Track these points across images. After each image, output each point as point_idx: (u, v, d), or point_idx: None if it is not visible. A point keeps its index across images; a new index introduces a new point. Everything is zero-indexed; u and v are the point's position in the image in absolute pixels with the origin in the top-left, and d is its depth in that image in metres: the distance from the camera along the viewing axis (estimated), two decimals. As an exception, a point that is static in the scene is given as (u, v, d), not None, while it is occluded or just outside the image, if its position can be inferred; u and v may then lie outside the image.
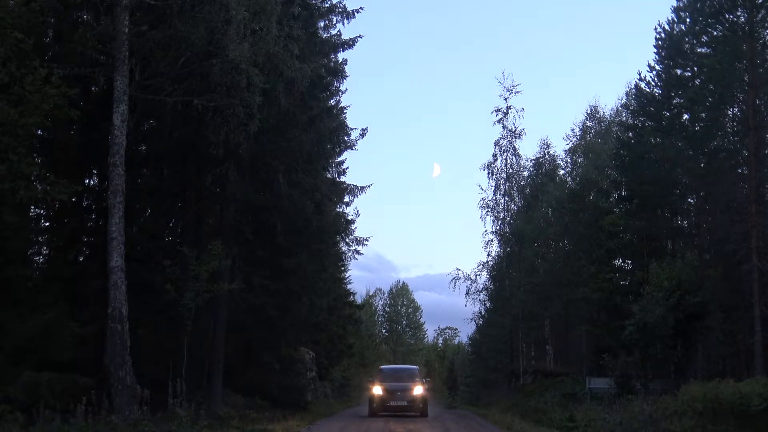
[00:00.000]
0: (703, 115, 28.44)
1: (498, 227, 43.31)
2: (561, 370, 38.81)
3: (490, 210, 43.37)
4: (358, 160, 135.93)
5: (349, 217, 34.72)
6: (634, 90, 34.15)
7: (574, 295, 34.18)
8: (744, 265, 23.95)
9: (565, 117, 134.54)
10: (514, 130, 43.02)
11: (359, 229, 56.04)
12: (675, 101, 30.55)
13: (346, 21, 25.69)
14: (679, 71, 30.43)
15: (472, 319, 48.21)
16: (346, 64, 27.01)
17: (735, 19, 25.99)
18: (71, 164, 18.50)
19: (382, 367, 31.42)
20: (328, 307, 33.57)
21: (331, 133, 24.98)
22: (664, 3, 70.82)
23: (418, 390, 25.28)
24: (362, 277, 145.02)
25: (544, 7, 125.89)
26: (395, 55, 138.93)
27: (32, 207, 17.75)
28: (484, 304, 46.23)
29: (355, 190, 31.92)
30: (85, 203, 20.37)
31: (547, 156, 47.05)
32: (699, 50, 28.56)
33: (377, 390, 25.20)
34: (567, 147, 46.23)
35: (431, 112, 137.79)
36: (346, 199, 32.52)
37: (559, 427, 20.31)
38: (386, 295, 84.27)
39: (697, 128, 28.85)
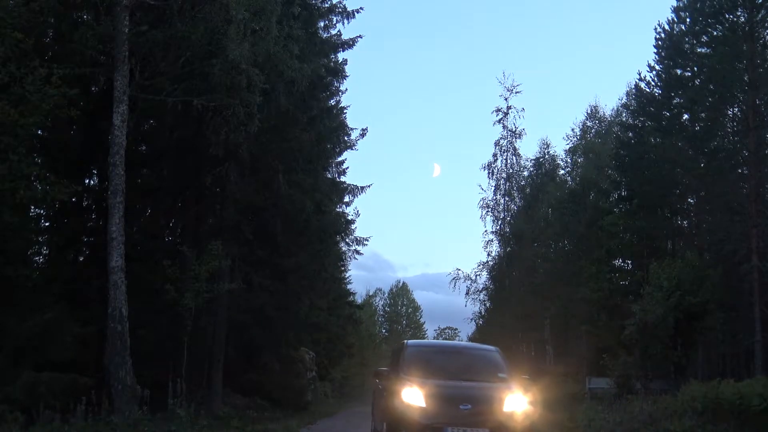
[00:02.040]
0: (703, 115, 28.49)
1: (498, 227, 43.35)
2: (561, 370, 38.79)
3: (490, 210, 43.42)
4: (358, 160, 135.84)
5: (349, 217, 34.76)
6: (634, 90, 34.19)
7: (574, 295, 34.18)
8: (744, 265, 23.97)
9: (565, 117, 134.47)
10: (514, 130, 43.10)
11: (359, 229, 56.04)
12: (675, 101, 30.59)
13: (346, 21, 25.74)
14: (679, 71, 30.47)
15: (472, 319, 48.23)
16: (346, 64, 27.09)
17: (735, 19, 26.04)
18: (71, 164, 18.49)
19: (417, 342, 14.47)
20: (328, 307, 33.58)
21: (331, 133, 24.99)
22: (664, 3, 70.89)
23: (514, 401, 10.30)
24: (359, 276, 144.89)
25: (545, 8, 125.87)
26: (395, 55, 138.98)
27: (32, 207, 17.73)
28: (484, 304, 46.24)
29: (355, 190, 31.92)
30: (85, 203, 20.36)
31: (547, 156, 47.08)
32: (699, 50, 28.61)
33: (412, 396, 10.11)
34: (567, 147, 46.30)
35: (431, 112, 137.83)
36: (346, 199, 32.55)
37: (559, 427, 20.29)
38: (386, 294, 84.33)
39: (697, 128, 28.89)
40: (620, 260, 35.54)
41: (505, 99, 43.06)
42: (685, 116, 30.45)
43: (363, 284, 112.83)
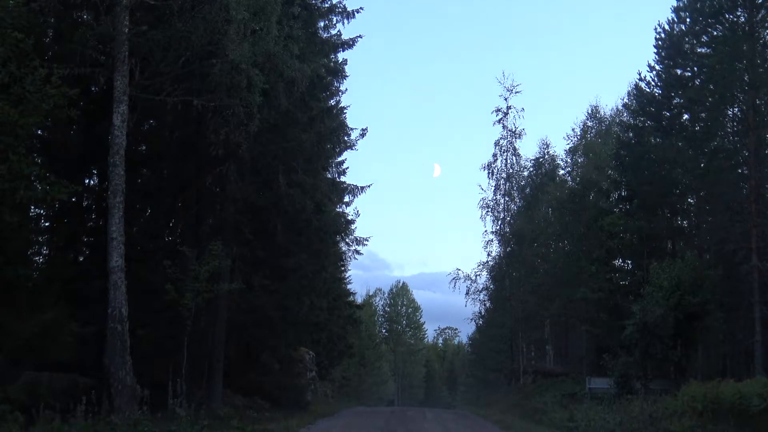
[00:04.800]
0: (703, 115, 28.45)
1: (498, 227, 43.33)
2: (561, 370, 38.81)
3: (490, 210, 43.40)
4: (358, 160, 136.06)
5: (349, 217, 34.73)
6: (634, 90, 34.17)
7: (574, 295, 34.17)
8: (744, 265, 23.95)
9: (565, 117, 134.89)
10: (514, 130, 43.08)
11: (359, 229, 55.97)
12: (675, 101, 30.56)
13: (346, 21, 25.72)
14: (679, 71, 30.43)
15: (472, 319, 48.25)
16: (346, 64, 27.06)
17: (735, 19, 26.00)
18: (71, 164, 18.49)
19: None
20: (328, 307, 33.54)
21: (331, 133, 24.97)
22: (664, 3, 70.86)
23: None
24: (356, 275, 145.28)
25: (545, 8, 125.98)
26: (395, 55, 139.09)
27: (32, 207, 17.73)
28: (484, 304, 46.26)
29: (355, 190, 31.87)
30: (85, 203, 20.37)
31: (547, 156, 47.04)
32: (699, 50, 28.56)
33: None
34: (567, 147, 46.29)
35: (431, 112, 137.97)
36: (346, 199, 32.51)
37: (559, 427, 20.30)
38: (386, 295, 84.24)
39: (697, 128, 28.85)
40: (620, 260, 35.49)
41: (505, 99, 43.09)
42: (685, 116, 30.42)
43: (359, 283, 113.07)
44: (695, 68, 29.12)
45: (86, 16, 17.91)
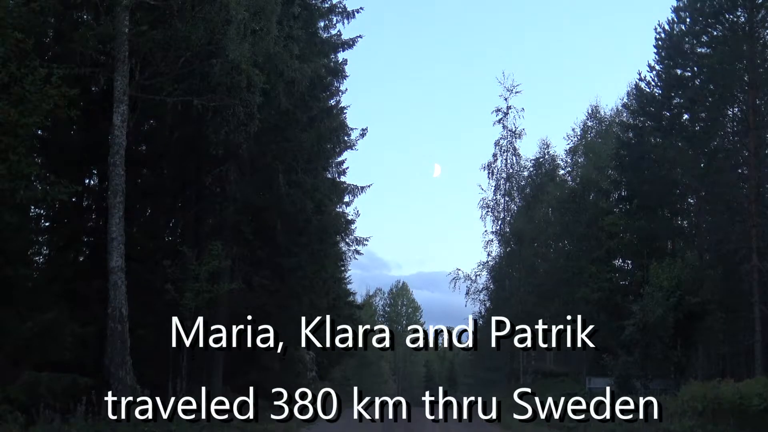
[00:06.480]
0: (703, 115, 28.48)
1: (498, 227, 43.32)
2: (561, 370, 38.79)
3: (490, 210, 43.39)
4: (358, 160, 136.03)
5: (349, 217, 34.69)
6: (634, 90, 34.17)
7: (574, 295, 34.15)
8: (744, 265, 23.97)
9: (565, 117, 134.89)
10: (514, 130, 43.09)
11: (359, 229, 55.86)
12: (675, 101, 30.56)
13: (346, 21, 25.74)
14: (679, 71, 30.43)
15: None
16: (346, 64, 27.05)
17: (735, 19, 26.04)
18: (71, 164, 18.49)
19: None
20: (328, 307, 33.49)
21: (331, 133, 24.97)
22: (664, 3, 70.85)
23: None
24: (355, 274, 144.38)
25: (545, 7, 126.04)
26: (395, 55, 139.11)
27: (32, 207, 17.73)
28: (484, 304, 46.22)
29: (355, 190, 31.85)
30: (85, 203, 20.35)
31: (547, 156, 47.02)
32: (699, 50, 28.58)
33: None
34: (567, 147, 46.30)
35: (431, 112, 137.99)
36: (346, 199, 32.48)
37: (560, 427, 20.29)
38: (386, 294, 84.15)
39: (697, 128, 28.87)
40: (620, 260, 35.51)
41: (505, 99, 43.11)
42: (685, 116, 30.44)
43: (358, 283, 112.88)
44: (695, 68, 29.13)
45: (86, 16, 17.92)
